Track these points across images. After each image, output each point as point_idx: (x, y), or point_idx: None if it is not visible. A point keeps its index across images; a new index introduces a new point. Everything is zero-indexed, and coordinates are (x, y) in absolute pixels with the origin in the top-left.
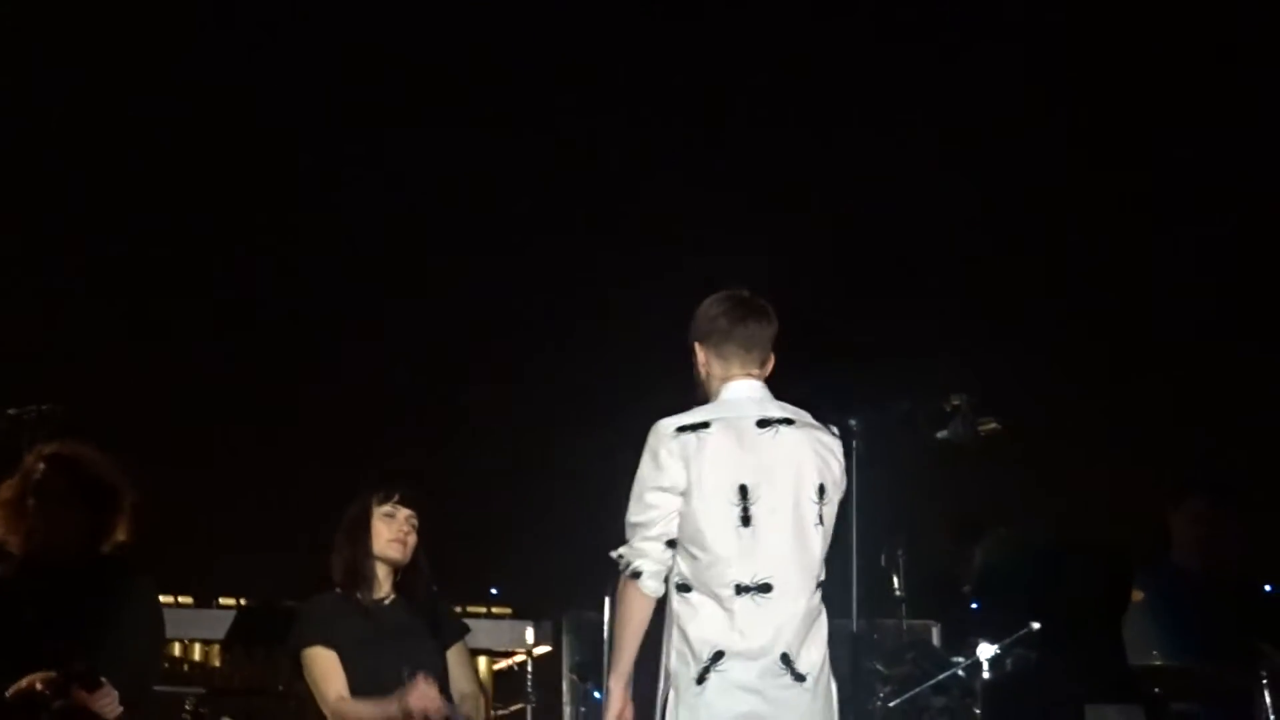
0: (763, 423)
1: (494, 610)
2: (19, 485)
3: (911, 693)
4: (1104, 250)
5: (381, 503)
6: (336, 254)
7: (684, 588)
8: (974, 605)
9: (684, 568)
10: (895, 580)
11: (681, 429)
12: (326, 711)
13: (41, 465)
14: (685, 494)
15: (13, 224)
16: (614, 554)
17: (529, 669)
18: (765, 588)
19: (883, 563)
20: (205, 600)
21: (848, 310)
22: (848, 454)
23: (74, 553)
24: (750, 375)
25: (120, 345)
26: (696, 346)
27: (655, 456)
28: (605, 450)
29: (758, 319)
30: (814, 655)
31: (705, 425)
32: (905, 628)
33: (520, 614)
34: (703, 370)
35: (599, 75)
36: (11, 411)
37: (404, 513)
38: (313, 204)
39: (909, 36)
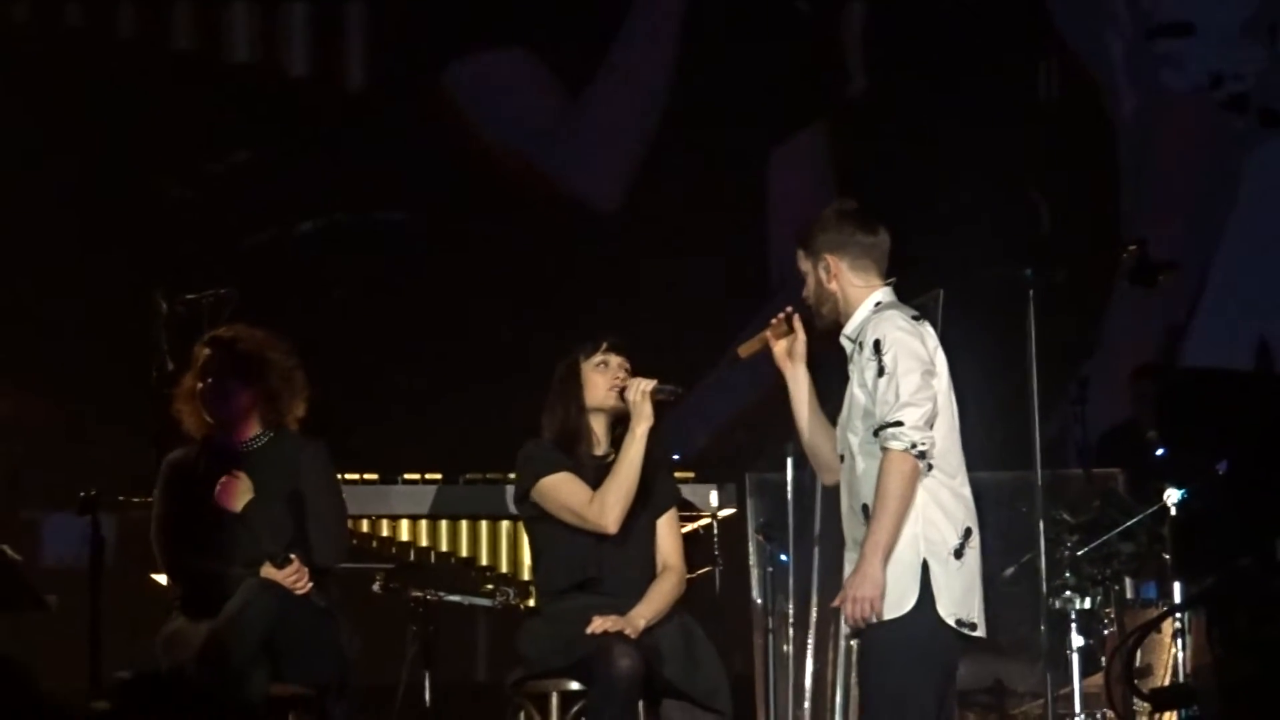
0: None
1: (676, 474)
2: (192, 374)
3: (1099, 540)
4: None
5: (590, 355)
6: None
7: (928, 467)
8: (1159, 451)
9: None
10: (1079, 429)
11: (914, 318)
12: (589, 517)
13: (205, 350)
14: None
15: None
16: (904, 435)
17: (714, 533)
18: (964, 471)
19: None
20: (389, 477)
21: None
22: (1024, 304)
23: (249, 432)
24: (888, 284)
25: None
26: (829, 259)
27: (921, 340)
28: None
29: (885, 230)
30: None
31: (919, 318)
32: (1090, 476)
33: (702, 477)
34: (832, 282)
35: None
36: (189, 296)
37: (616, 359)
38: None
39: None
